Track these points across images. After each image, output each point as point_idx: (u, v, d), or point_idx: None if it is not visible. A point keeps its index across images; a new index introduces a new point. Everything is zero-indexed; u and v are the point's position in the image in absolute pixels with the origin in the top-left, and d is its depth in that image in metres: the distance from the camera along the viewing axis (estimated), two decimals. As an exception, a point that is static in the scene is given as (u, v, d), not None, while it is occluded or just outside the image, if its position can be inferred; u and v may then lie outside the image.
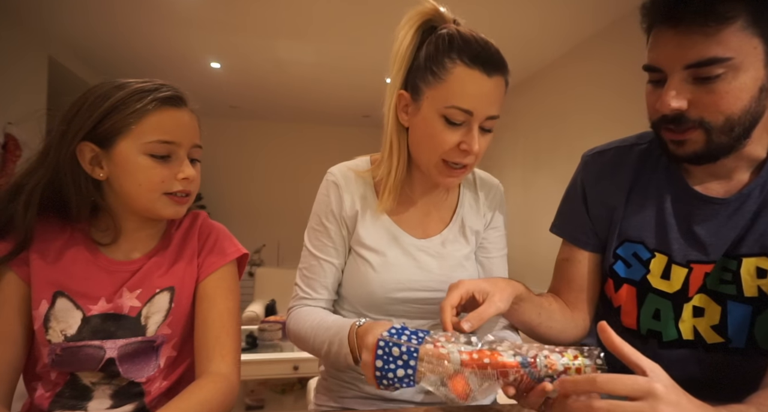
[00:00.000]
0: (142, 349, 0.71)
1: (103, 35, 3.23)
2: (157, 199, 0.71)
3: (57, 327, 0.67)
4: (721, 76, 0.61)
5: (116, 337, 0.69)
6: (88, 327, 0.69)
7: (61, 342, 0.67)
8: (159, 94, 0.70)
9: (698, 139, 0.65)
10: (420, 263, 0.82)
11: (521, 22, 2.82)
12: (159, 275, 0.74)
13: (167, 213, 0.73)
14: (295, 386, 2.86)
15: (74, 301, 0.69)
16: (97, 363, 0.68)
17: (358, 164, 0.89)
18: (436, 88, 0.72)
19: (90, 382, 0.70)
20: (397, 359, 0.55)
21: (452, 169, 0.76)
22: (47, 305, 0.68)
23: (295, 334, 0.81)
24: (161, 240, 0.78)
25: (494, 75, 0.71)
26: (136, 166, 0.69)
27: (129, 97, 0.68)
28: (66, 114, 0.69)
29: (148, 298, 0.72)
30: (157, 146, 0.69)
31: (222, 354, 0.72)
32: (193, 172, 0.73)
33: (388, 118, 0.80)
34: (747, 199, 0.69)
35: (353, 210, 0.83)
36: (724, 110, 0.62)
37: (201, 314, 0.75)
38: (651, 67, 0.67)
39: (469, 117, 0.71)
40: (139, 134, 0.68)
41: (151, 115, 0.69)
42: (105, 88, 0.69)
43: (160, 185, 0.70)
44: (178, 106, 0.73)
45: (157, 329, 0.72)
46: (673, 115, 0.64)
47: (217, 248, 0.80)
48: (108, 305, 0.70)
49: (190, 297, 0.76)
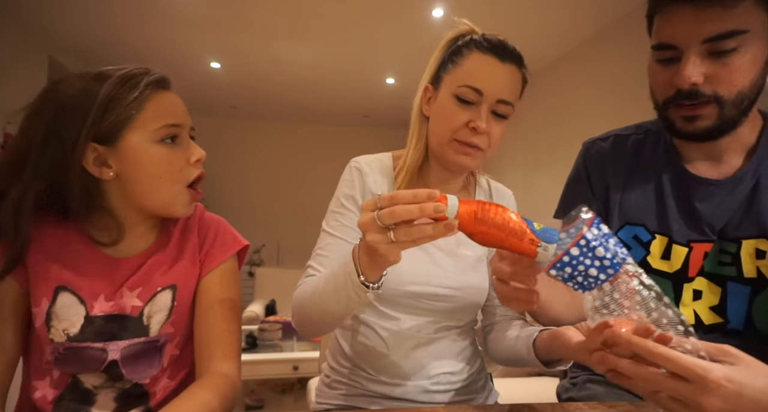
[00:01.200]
0: (146, 349, 0.70)
1: (103, 35, 3.23)
2: (178, 192, 0.68)
3: (59, 326, 0.65)
4: (736, 50, 0.63)
5: (119, 338, 0.67)
6: (91, 328, 0.67)
7: (63, 342, 0.65)
8: (150, 79, 0.66)
9: (711, 114, 0.67)
10: (435, 259, 0.83)
11: (521, 22, 2.82)
12: (160, 272, 0.72)
13: (183, 211, 0.70)
14: (295, 386, 2.86)
15: (78, 294, 0.67)
16: (100, 365, 0.67)
17: (381, 157, 0.90)
18: (453, 72, 0.78)
19: (92, 385, 0.68)
20: (598, 259, 0.47)
21: (464, 146, 0.78)
22: (48, 303, 0.65)
23: (299, 304, 0.75)
24: (159, 236, 0.75)
25: (507, 62, 0.76)
26: (153, 158, 0.66)
27: (121, 87, 0.64)
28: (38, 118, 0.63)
29: (150, 297, 0.70)
30: (166, 131, 0.66)
31: (224, 353, 0.71)
32: (203, 152, 0.71)
33: (415, 112, 0.85)
34: (740, 182, 0.72)
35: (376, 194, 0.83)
36: (737, 83, 0.65)
37: (202, 312, 0.73)
38: (665, 45, 0.68)
39: (480, 97, 0.75)
40: (144, 123, 0.65)
41: (151, 100, 0.65)
42: (81, 84, 0.64)
43: (180, 175, 0.68)
44: (168, 88, 0.70)
45: (161, 329, 0.70)
46: (688, 91, 0.66)
47: (219, 241, 0.77)
48: (109, 303, 0.68)
49: (192, 294, 0.74)
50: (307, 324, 0.75)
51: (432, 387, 0.83)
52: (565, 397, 0.92)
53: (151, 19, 2.93)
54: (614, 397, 0.81)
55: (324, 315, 0.70)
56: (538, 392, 1.93)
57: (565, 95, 3.27)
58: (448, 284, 0.81)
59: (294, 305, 0.78)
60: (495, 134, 0.78)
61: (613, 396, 0.81)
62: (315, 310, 0.70)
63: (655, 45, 0.69)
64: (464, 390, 0.86)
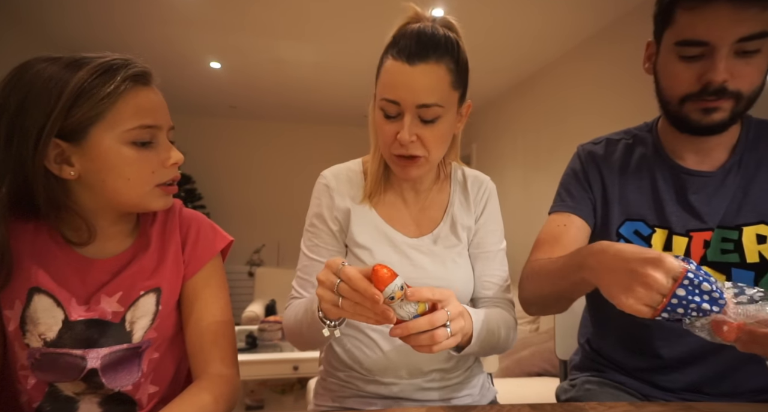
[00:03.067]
0: (127, 356, 0.66)
1: (102, 35, 3.23)
2: (148, 192, 0.64)
3: (35, 331, 0.61)
4: (760, 50, 0.67)
5: (99, 345, 0.63)
6: (70, 333, 0.62)
7: (40, 347, 0.61)
8: (129, 72, 0.60)
9: (728, 107, 0.70)
10: (413, 262, 0.83)
11: (521, 21, 2.82)
12: (142, 276, 0.67)
13: (158, 205, 0.66)
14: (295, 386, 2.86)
15: (54, 297, 0.62)
16: (78, 373, 0.63)
17: (349, 166, 0.90)
18: (378, 85, 0.77)
19: (73, 392, 0.64)
20: (705, 293, 0.52)
21: (402, 159, 0.77)
22: (22, 305, 0.61)
23: (287, 326, 0.81)
24: (137, 237, 0.70)
25: (417, 63, 0.71)
26: (122, 160, 0.60)
27: (95, 78, 0.58)
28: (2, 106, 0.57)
29: (132, 301, 0.66)
30: (139, 133, 0.60)
31: (221, 357, 0.69)
32: (181, 156, 0.65)
33: (369, 119, 0.85)
34: (728, 173, 0.77)
35: (345, 209, 0.84)
36: (756, 82, 0.69)
37: (193, 317, 0.70)
38: (696, 41, 0.69)
39: (399, 107, 0.73)
40: (116, 121, 0.59)
41: (126, 96, 0.59)
42: (52, 70, 0.57)
43: (151, 177, 0.63)
44: (148, 84, 0.64)
45: (144, 335, 0.66)
46: (716, 88, 0.69)
47: (202, 240, 0.73)
48: (83, 307, 0.63)
49: (177, 297, 0.70)
50: (300, 344, 0.80)
51: (426, 385, 0.83)
52: (564, 398, 0.92)
53: (151, 19, 2.93)
54: (613, 398, 0.81)
55: (310, 340, 0.75)
56: (538, 392, 1.93)
57: (565, 95, 3.27)
58: (430, 283, 0.81)
59: (284, 325, 0.84)
60: (428, 138, 0.75)
61: (611, 397, 0.81)
62: (301, 335, 0.76)
63: (683, 41, 0.70)
64: (459, 386, 0.86)
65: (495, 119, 4.31)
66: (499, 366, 2.25)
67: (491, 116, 4.37)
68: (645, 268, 0.51)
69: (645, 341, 0.82)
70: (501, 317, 0.81)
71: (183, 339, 0.73)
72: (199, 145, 5.10)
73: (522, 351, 2.29)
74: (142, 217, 0.72)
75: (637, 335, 0.83)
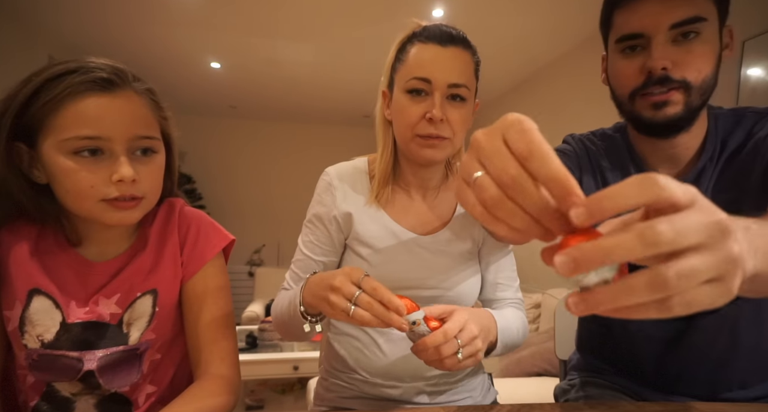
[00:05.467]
0: (125, 358, 0.66)
1: (102, 35, 3.23)
2: (93, 207, 0.59)
3: (33, 332, 0.61)
4: (699, 36, 0.68)
5: (97, 347, 0.63)
6: (67, 335, 0.62)
7: (37, 348, 0.61)
8: (78, 78, 0.56)
9: (679, 99, 0.70)
10: (424, 262, 0.82)
11: (521, 21, 2.82)
12: (139, 278, 0.67)
13: (110, 220, 0.60)
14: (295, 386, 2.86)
15: (53, 299, 0.62)
16: (75, 374, 0.63)
17: (355, 164, 0.90)
18: (401, 70, 0.79)
19: (70, 393, 0.64)
20: None
21: (427, 139, 0.77)
22: (21, 306, 0.61)
23: (274, 316, 0.83)
24: (137, 239, 0.70)
25: (449, 45, 0.75)
26: (59, 170, 0.56)
27: (46, 84, 0.55)
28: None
29: (129, 303, 0.66)
30: (78, 143, 0.56)
31: (221, 357, 0.68)
32: (129, 172, 0.58)
33: (378, 119, 0.86)
34: (701, 176, 0.76)
35: (348, 209, 0.84)
36: (701, 69, 0.68)
37: (192, 318, 0.70)
38: (632, 35, 0.71)
39: (429, 85, 0.75)
40: (57, 129, 0.55)
41: (69, 104, 0.55)
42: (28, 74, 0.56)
43: (89, 191, 0.57)
44: (108, 90, 0.58)
45: (141, 336, 0.66)
46: (659, 76, 0.69)
47: (201, 240, 0.72)
48: (82, 309, 0.63)
49: (175, 298, 0.70)
50: (285, 335, 0.81)
51: (428, 389, 0.83)
52: (563, 399, 0.92)
53: (151, 19, 2.93)
54: (611, 400, 0.81)
55: (292, 332, 0.76)
56: (538, 392, 1.93)
57: (565, 95, 3.27)
58: (439, 285, 0.81)
59: (272, 316, 0.85)
60: (455, 120, 0.76)
61: (610, 399, 0.81)
62: (285, 326, 0.77)
63: (621, 37, 0.72)
64: (461, 389, 0.86)
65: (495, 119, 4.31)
66: (499, 366, 2.25)
67: (491, 116, 4.36)
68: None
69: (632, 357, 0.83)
70: (517, 317, 0.84)
71: (184, 340, 0.72)
72: (199, 145, 5.11)
73: (522, 351, 2.29)
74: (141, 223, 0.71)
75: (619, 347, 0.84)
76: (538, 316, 2.87)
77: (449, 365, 0.62)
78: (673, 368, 0.78)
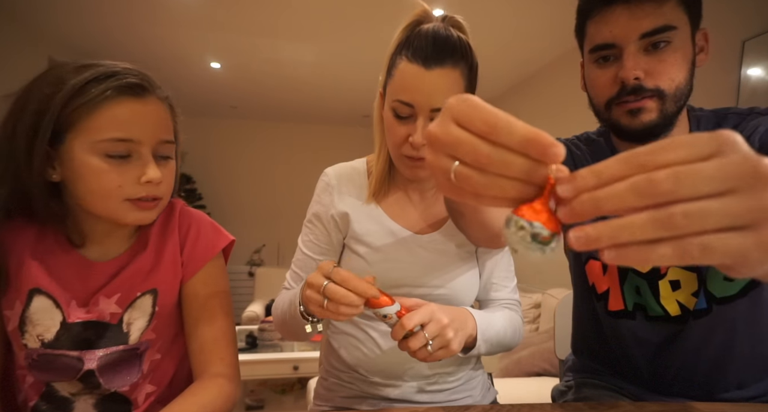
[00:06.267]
0: (125, 357, 0.66)
1: (102, 35, 3.23)
2: (116, 206, 0.61)
3: (33, 331, 0.61)
4: (670, 45, 0.68)
5: (97, 346, 0.64)
6: (67, 335, 0.63)
7: (37, 348, 0.62)
8: (115, 82, 0.58)
9: (653, 107, 0.70)
10: (419, 259, 0.82)
11: (521, 21, 2.82)
12: (139, 277, 0.67)
13: (131, 219, 0.63)
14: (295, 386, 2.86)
15: (54, 298, 0.62)
16: (75, 374, 0.63)
17: (354, 165, 0.90)
18: (390, 84, 0.76)
19: (69, 393, 0.65)
20: None
21: (412, 160, 0.77)
22: (22, 306, 0.61)
23: (275, 316, 0.84)
24: (138, 239, 0.70)
25: (434, 68, 0.71)
26: (88, 170, 0.58)
27: (83, 85, 0.57)
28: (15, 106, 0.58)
29: (129, 303, 0.66)
30: (112, 145, 0.58)
31: (221, 357, 0.69)
32: (158, 174, 0.62)
33: (375, 118, 0.85)
34: None
35: (345, 209, 0.84)
36: (674, 77, 0.69)
37: (192, 318, 0.70)
38: (604, 45, 0.71)
39: (412, 110, 0.73)
40: (91, 131, 0.58)
41: (105, 107, 0.58)
42: (57, 73, 0.58)
43: (116, 191, 0.60)
44: (140, 96, 0.61)
45: (141, 336, 0.67)
46: (632, 86, 0.69)
47: (201, 241, 0.72)
48: (82, 309, 0.64)
49: (175, 298, 0.70)
50: (286, 334, 0.82)
51: (428, 387, 0.83)
52: (560, 401, 0.92)
53: (151, 19, 2.93)
54: (609, 400, 0.81)
55: (293, 332, 0.77)
56: (538, 392, 1.93)
57: (565, 95, 3.27)
58: (437, 283, 0.81)
59: (272, 315, 0.86)
60: None
61: (607, 400, 0.81)
62: (286, 326, 0.78)
63: (594, 47, 0.73)
64: (461, 388, 0.86)
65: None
66: (499, 366, 2.25)
67: (491, 116, 4.36)
68: None
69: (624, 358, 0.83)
70: (507, 317, 0.83)
71: (184, 340, 0.73)
72: (199, 145, 5.11)
73: (522, 351, 2.29)
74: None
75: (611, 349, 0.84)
76: (538, 316, 2.87)
77: (421, 357, 0.63)
78: (669, 370, 0.78)
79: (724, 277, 0.71)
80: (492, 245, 0.75)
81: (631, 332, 0.79)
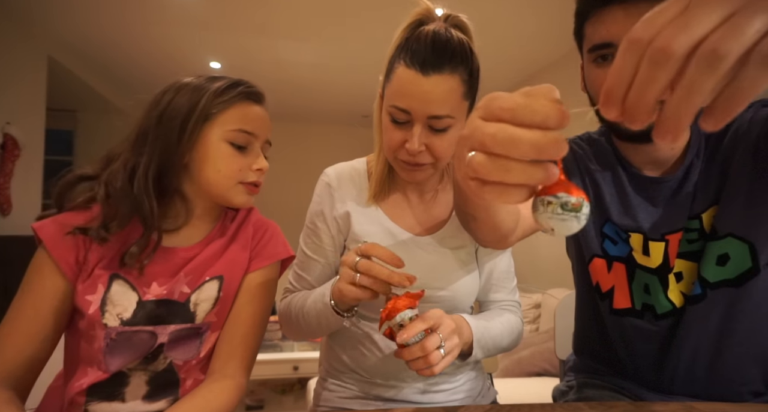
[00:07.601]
0: (189, 335, 0.73)
1: (103, 35, 3.23)
2: (232, 186, 0.75)
3: (113, 311, 0.68)
4: None
5: (168, 322, 0.71)
6: (143, 312, 0.70)
7: (117, 326, 0.68)
8: (245, 89, 0.76)
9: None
10: (419, 260, 0.82)
11: (521, 21, 2.82)
12: (210, 262, 0.76)
13: (239, 201, 0.76)
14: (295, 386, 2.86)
15: (129, 282, 0.70)
16: (149, 348, 0.70)
17: (354, 165, 0.90)
18: (387, 88, 0.76)
19: (126, 368, 0.70)
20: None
21: (410, 165, 0.77)
22: (103, 289, 0.69)
23: (285, 316, 0.84)
24: (216, 229, 0.80)
25: (432, 74, 0.69)
26: (218, 153, 0.73)
27: (223, 89, 0.74)
28: (157, 103, 0.72)
29: (198, 285, 0.74)
30: (238, 135, 0.74)
31: (243, 357, 0.74)
32: (266, 164, 0.79)
33: (375, 118, 0.84)
34: (689, 172, 0.76)
35: (346, 210, 0.84)
36: None
37: (237, 309, 0.76)
38: (602, 44, 0.71)
39: (409, 116, 0.72)
40: (224, 122, 0.73)
41: (237, 105, 0.74)
42: (197, 81, 0.75)
43: (237, 173, 0.74)
44: (259, 102, 0.79)
45: (205, 317, 0.74)
46: None
47: (271, 244, 0.82)
48: (161, 288, 0.71)
49: (237, 287, 0.77)
50: (296, 334, 0.83)
51: (428, 388, 0.83)
52: (561, 401, 0.92)
53: (151, 18, 2.93)
54: (610, 400, 0.81)
55: (311, 330, 0.78)
56: (538, 392, 1.93)
57: (565, 95, 3.27)
58: (437, 285, 0.81)
59: (282, 319, 0.86)
60: (438, 147, 0.74)
61: (608, 400, 0.81)
62: (300, 326, 0.79)
63: (592, 47, 0.73)
64: (461, 389, 0.86)
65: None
66: (499, 366, 2.25)
67: (491, 116, 4.36)
68: None
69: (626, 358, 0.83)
70: (505, 321, 0.82)
71: None
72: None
73: (522, 351, 2.29)
74: (225, 214, 0.82)
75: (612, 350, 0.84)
76: (538, 316, 2.87)
77: (433, 359, 0.61)
78: (669, 363, 0.78)
79: (716, 262, 0.73)
80: (500, 245, 0.75)
81: (636, 328, 0.80)
